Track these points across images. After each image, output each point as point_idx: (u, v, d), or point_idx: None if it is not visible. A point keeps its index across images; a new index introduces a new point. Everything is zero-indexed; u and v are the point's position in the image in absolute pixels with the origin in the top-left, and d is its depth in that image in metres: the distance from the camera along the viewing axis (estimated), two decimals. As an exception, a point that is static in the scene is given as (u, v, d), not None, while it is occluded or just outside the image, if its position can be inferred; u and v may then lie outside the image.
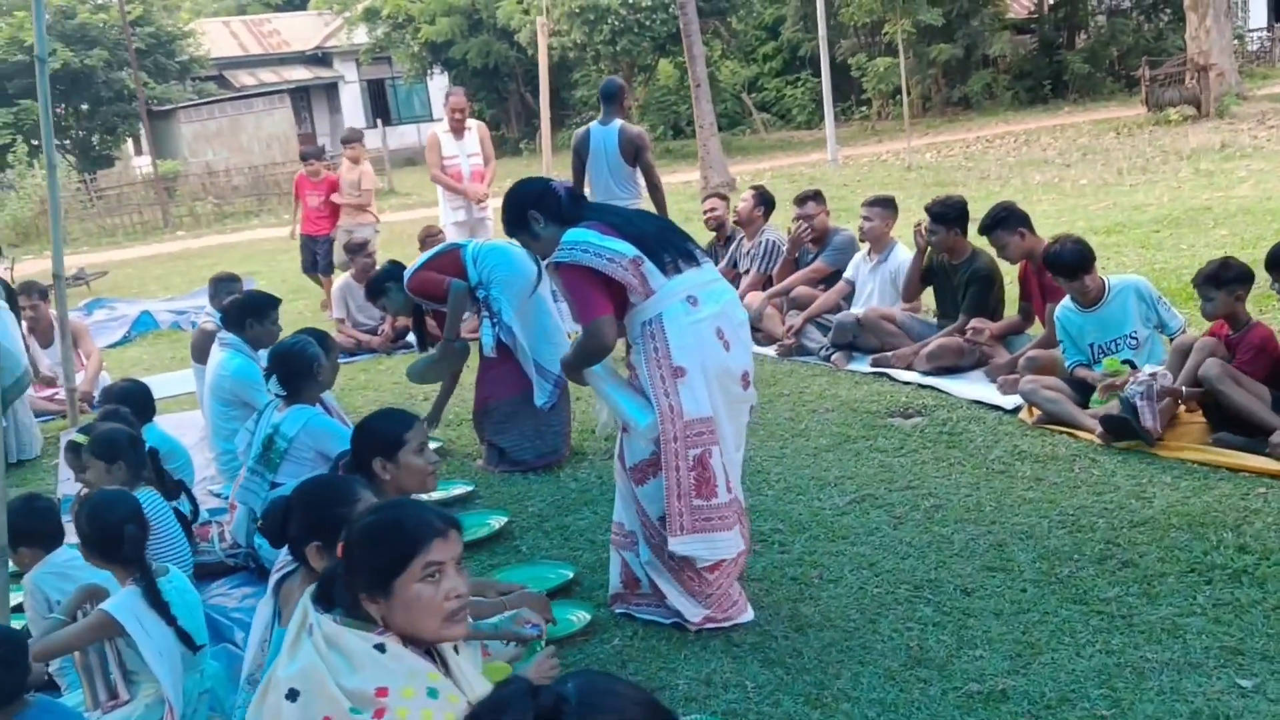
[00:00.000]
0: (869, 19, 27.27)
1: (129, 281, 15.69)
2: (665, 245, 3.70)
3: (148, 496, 4.12)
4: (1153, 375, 4.87)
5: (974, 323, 6.32)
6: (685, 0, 17.85)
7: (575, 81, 31.99)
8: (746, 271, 8.19)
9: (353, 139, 10.97)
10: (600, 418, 4.06)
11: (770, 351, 7.41)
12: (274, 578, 3.13)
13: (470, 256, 5.64)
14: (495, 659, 3.21)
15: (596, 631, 3.79)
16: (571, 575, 4.20)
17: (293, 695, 2.23)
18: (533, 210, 3.79)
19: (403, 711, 2.15)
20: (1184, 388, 4.91)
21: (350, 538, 2.36)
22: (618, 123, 7.50)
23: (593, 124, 7.67)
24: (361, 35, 33.65)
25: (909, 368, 6.50)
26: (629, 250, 3.61)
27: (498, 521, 4.82)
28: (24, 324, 8.15)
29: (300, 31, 38.05)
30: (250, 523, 4.41)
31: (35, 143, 28.76)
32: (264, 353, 5.27)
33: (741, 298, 7.81)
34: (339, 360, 6.70)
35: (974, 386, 6.12)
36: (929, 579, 3.93)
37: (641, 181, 7.58)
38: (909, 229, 6.90)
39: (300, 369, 4.43)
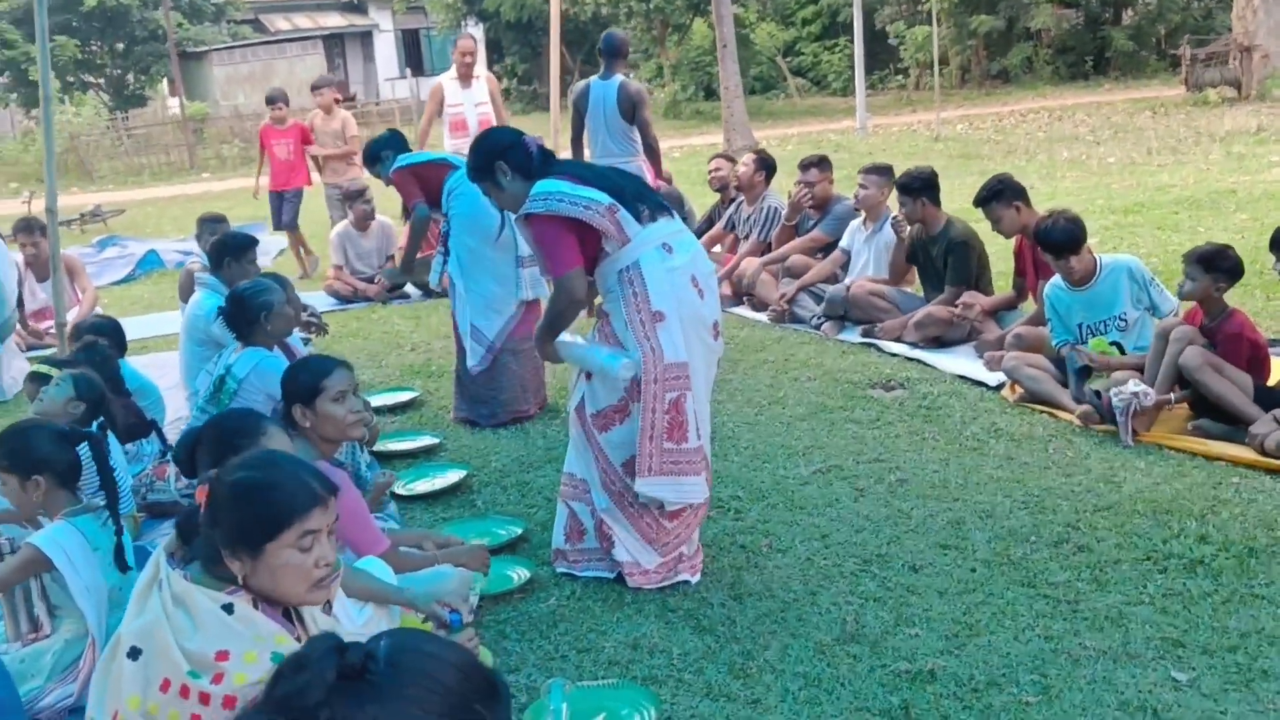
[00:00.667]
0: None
1: (146, 220, 15.73)
2: (637, 196, 3.68)
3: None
4: (1135, 395, 4.68)
5: (965, 297, 6.20)
6: (717, -41, 17.59)
7: (611, 39, 31.69)
8: (746, 236, 8.06)
9: (323, 84, 10.36)
10: (574, 395, 3.86)
11: (763, 317, 7.32)
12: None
13: (451, 185, 5.50)
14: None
15: (534, 590, 3.73)
16: (520, 532, 4.15)
17: (134, 654, 2.15)
18: (500, 161, 3.72)
19: (240, 677, 2.07)
20: (1172, 395, 4.78)
21: (221, 490, 2.23)
22: (618, 78, 7.37)
23: (593, 79, 7.54)
24: (398, -16, 33.48)
25: (898, 339, 6.38)
26: (604, 198, 3.57)
27: (455, 475, 4.76)
28: (22, 259, 8.19)
29: (338, -22, 37.91)
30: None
31: (70, 79, 28.89)
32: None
33: (739, 263, 7.76)
34: (307, 308, 6.68)
35: (961, 361, 6.01)
36: (879, 554, 3.85)
37: (639, 139, 7.45)
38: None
39: (249, 315, 4.39)
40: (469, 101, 9.09)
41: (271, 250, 11.27)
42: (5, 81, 29.05)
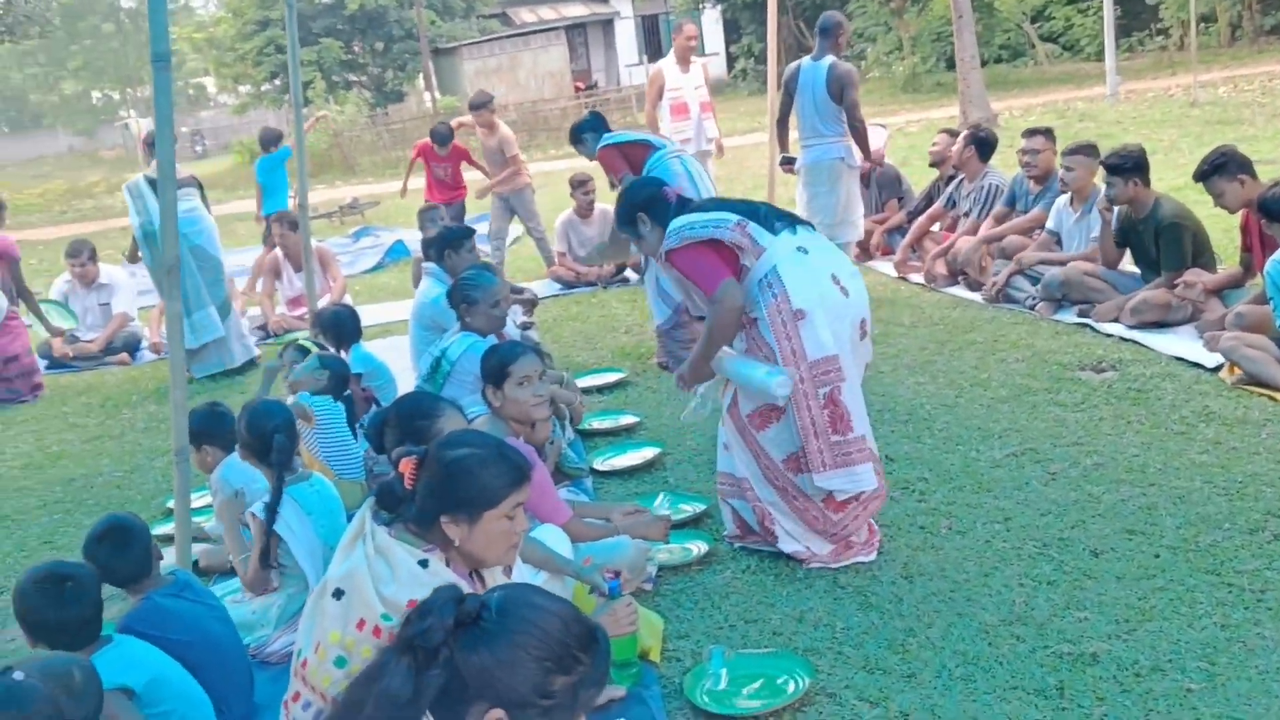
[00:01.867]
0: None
1: (398, 212, 16.70)
2: (769, 213, 3.87)
3: (324, 404, 4.56)
4: None
5: (1187, 275, 5.92)
6: (951, -73, 17.08)
7: (850, 14, 31.23)
8: (965, 214, 7.93)
9: (482, 103, 9.92)
10: (690, 404, 4.14)
11: (977, 297, 7.20)
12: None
13: (651, 164, 6.14)
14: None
15: (712, 562, 3.90)
16: (704, 508, 4.32)
17: (338, 594, 2.46)
18: (641, 213, 3.99)
19: None
20: None
21: (446, 463, 2.48)
22: (829, 59, 7.38)
23: (804, 59, 7.58)
24: (637, -30, 34.09)
25: (1115, 320, 6.17)
26: (732, 216, 3.78)
27: (650, 452, 4.99)
28: (278, 250, 8.98)
29: (580, -32, 38.94)
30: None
31: (335, 79, 30.98)
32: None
33: (955, 241, 7.66)
34: (535, 294, 7.24)
35: (1180, 342, 5.76)
36: (1060, 538, 3.81)
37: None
38: (1173, 169, 6.37)
39: (462, 299, 4.74)
40: (689, 85, 9.24)
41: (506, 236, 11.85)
42: (279, 84, 31.45)
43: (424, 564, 2.46)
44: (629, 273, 9.06)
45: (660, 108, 9.30)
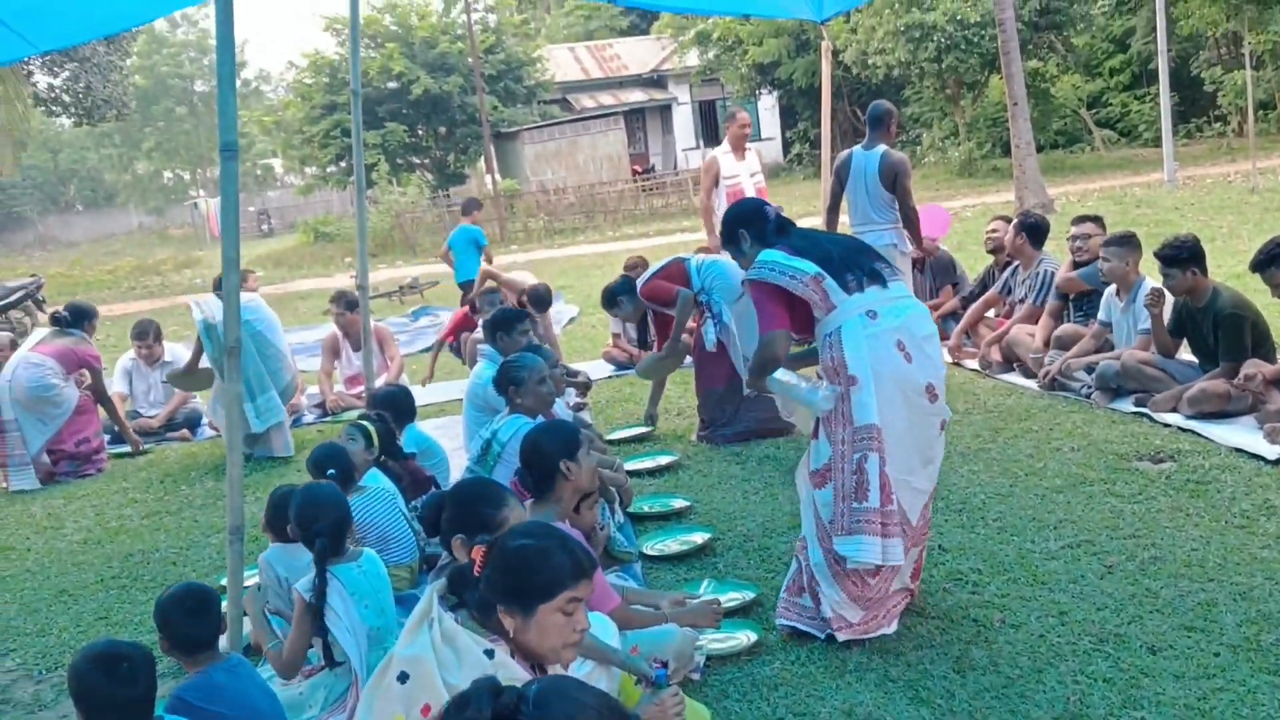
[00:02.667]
0: (1213, 30, 25.20)
1: (457, 291, 16.96)
2: (850, 266, 3.89)
3: (364, 499, 4.58)
4: None
5: (1246, 367, 5.83)
6: (1005, 18, 17.24)
7: (906, 100, 31.51)
8: (1021, 300, 7.90)
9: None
10: (797, 424, 4.47)
11: (1032, 384, 7.14)
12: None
13: (694, 268, 6.75)
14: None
15: (761, 653, 3.86)
16: (753, 596, 4.29)
17: (403, 677, 2.48)
18: (743, 229, 4.15)
19: None
20: None
21: (505, 553, 2.50)
22: (881, 148, 7.44)
23: (856, 148, 7.65)
24: (694, 58, 34.68)
25: (1173, 410, 6.08)
26: (811, 269, 3.85)
27: (700, 537, 4.97)
28: (336, 328, 9.14)
29: (639, 55, 39.70)
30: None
31: (399, 161, 31.67)
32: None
33: (1010, 328, 7.62)
34: (589, 377, 7.41)
35: (1240, 433, 5.66)
36: (1117, 633, 3.73)
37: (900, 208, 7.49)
38: (1233, 256, 6.29)
39: (510, 382, 4.79)
40: (745, 172, 9.21)
41: (562, 318, 12.00)
42: (343, 166, 32.21)
43: (489, 654, 2.47)
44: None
45: (716, 195, 9.29)
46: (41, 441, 7.67)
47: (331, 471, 4.33)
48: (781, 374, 3.96)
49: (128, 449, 8.31)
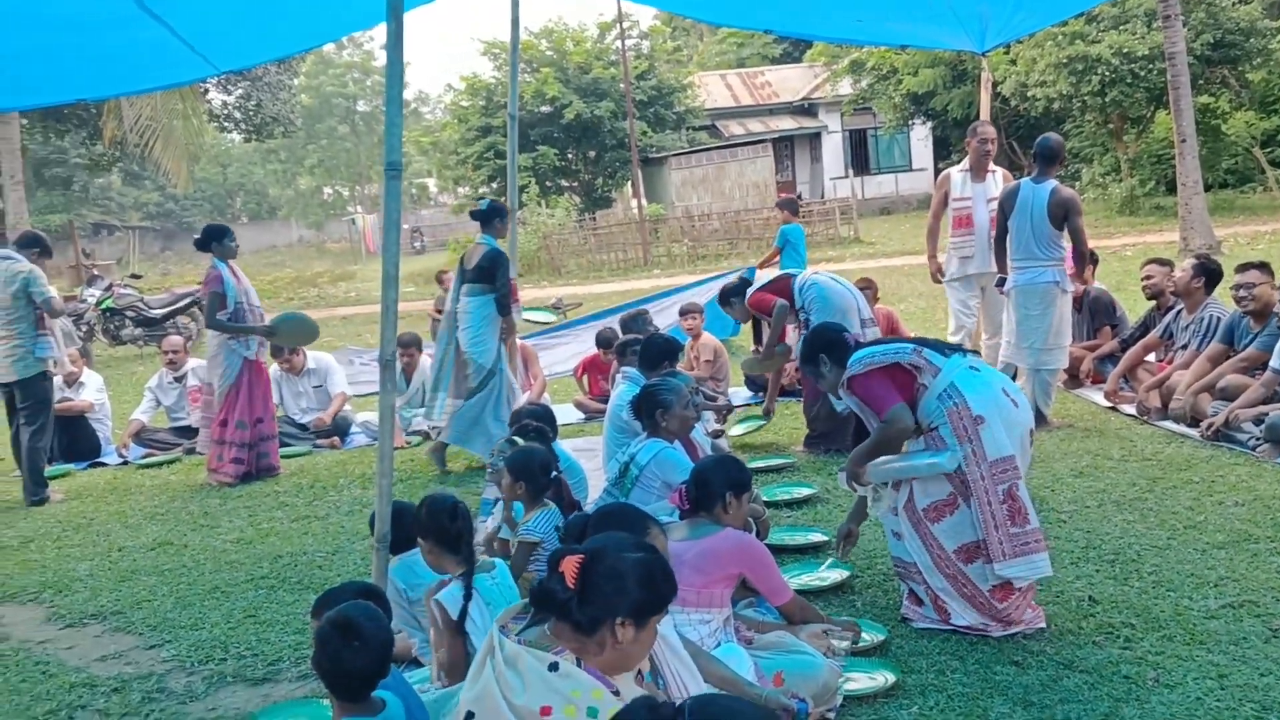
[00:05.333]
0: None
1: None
2: (937, 345, 4.41)
3: (542, 518, 4.61)
4: None
5: None
6: (1175, 51, 16.64)
7: (1067, 133, 30.66)
8: (1183, 346, 7.58)
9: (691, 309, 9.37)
10: (880, 510, 4.52)
11: (1193, 433, 6.83)
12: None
13: (798, 287, 7.18)
14: None
15: (898, 695, 3.76)
16: (883, 638, 4.19)
17: (469, 717, 2.50)
18: (823, 354, 4.51)
19: None
20: None
21: (633, 565, 2.54)
22: (1051, 183, 7.25)
23: (1024, 180, 7.47)
24: (846, 86, 34.43)
25: (1349, 466, 5.75)
26: (908, 346, 4.35)
27: (838, 575, 4.89)
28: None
29: (790, 83, 39.63)
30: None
31: (548, 184, 32.24)
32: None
33: (1171, 373, 7.32)
34: (732, 403, 7.54)
35: None
36: (1282, 702, 3.53)
37: (1066, 245, 7.27)
38: None
39: (652, 408, 4.80)
40: (980, 196, 8.13)
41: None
42: (495, 188, 32.94)
43: (554, 667, 2.49)
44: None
45: (944, 218, 8.40)
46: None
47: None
48: (880, 461, 4.32)
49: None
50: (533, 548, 4.48)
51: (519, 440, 5.08)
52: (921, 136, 36.20)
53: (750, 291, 7.44)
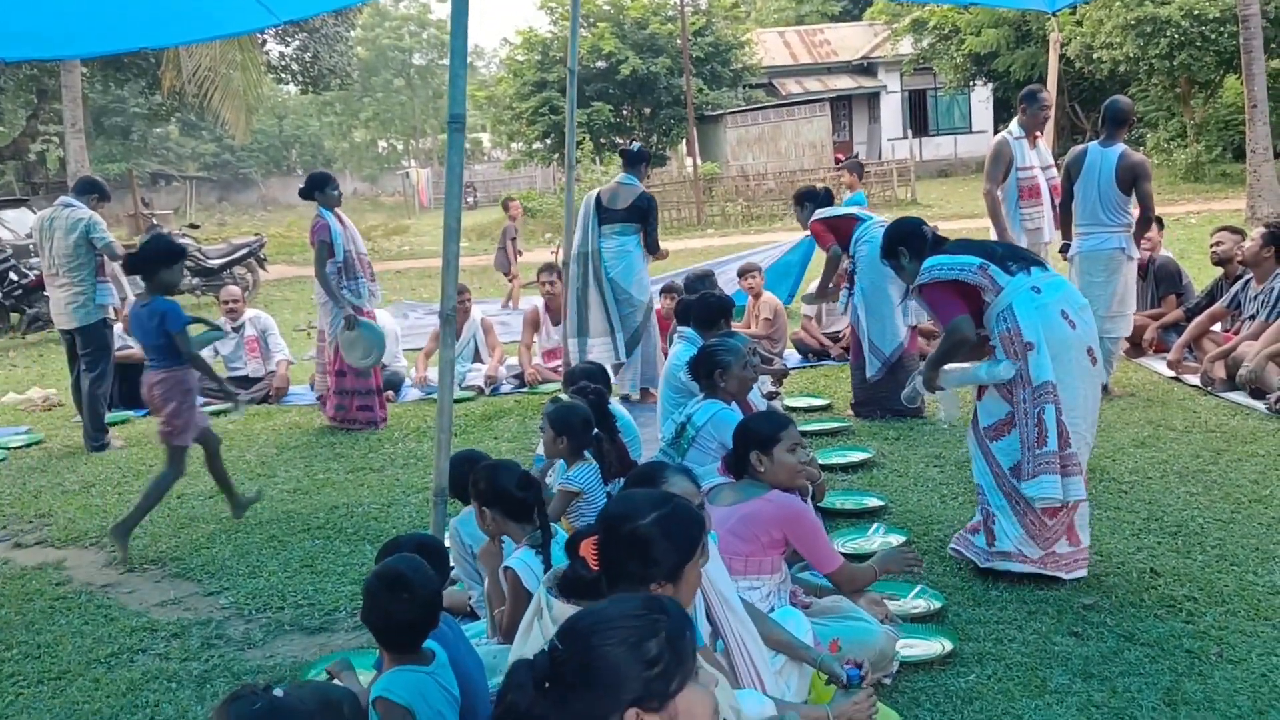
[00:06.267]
0: None
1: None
2: (1009, 256, 4.46)
3: (583, 470, 4.61)
4: None
5: None
6: (1250, 13, 16.15)
7: (1132, 97, 29.93)
8: (1251, 316, 7.40)
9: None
10: (940, 414, 5.06)
11: (1260, 405, 6.69)
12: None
13: (856, 235, 7.24)
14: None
15: (954, 663, 3.73)
16: (940, 605, 4.15)
17: None
18: (902, 246, 4.64)
19: None
20: None
21: (643, 529, 2.47)
22: (1120, 147, 7.07)
23: (1091, 143, 7.29)
24: (906, 46, 33.87)
25: None
26: (975, 260, 4.41)
27: (895, 539, 4.85)
28: (542, 302, 9.36)
29: (849, 41, 39.04)
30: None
31: (602, 140, 32.09)
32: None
33: (1238, 344, 7.16)
34: (785, 365, 7.51)
35: None
36: (1351, 682, 3.45)
37: (1133, 211, 7.11)
38: None
39: (707, 369, 4.76)
40: (1039, 164, 7.77)
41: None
42: (549, 143, 32.84)
43: None
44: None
45: (1006, 189, 7.72)
46: None
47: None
48: (950, 367, 4.54)
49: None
50: (572, 497, 4.50)
51: (563, 398, 5.07)
52: (982, 98, 35.57)
53: (817, 217, 7.49)
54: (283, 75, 30.43)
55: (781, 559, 3.73)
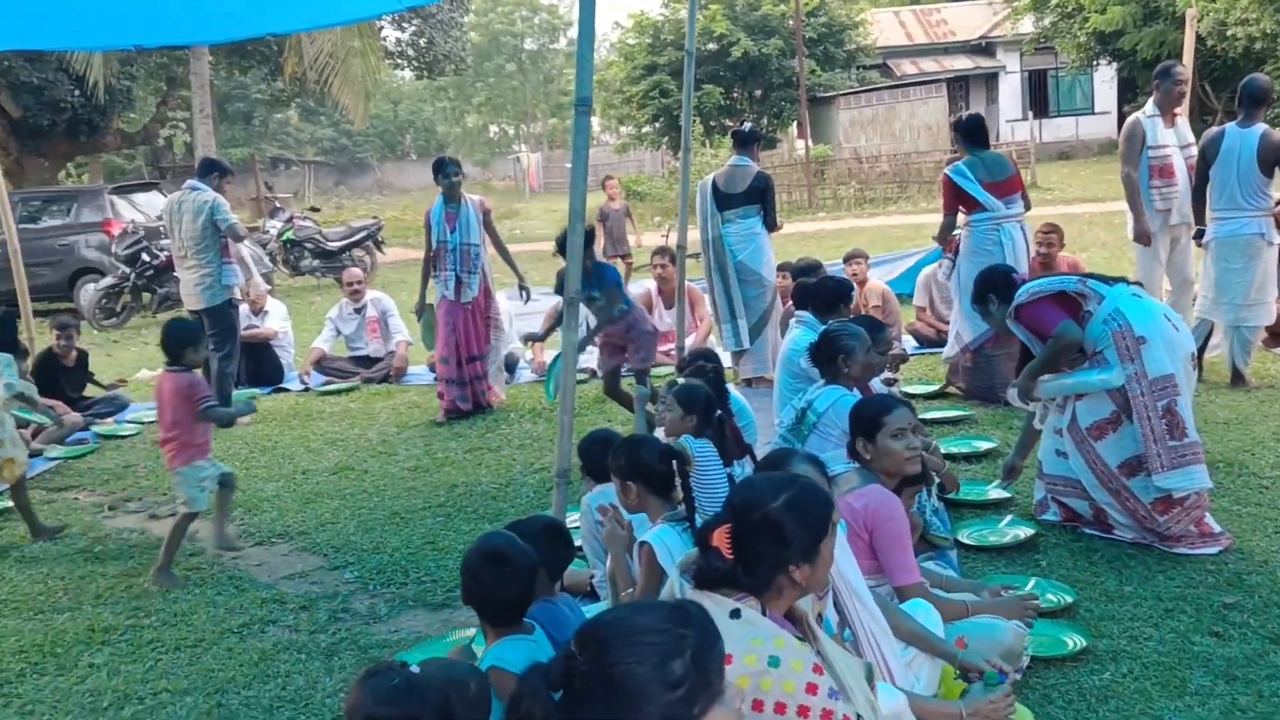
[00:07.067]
0: None
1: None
2: (1100, 277, 4.69)
3: (701, 445, 4.58)
4: None
5: None
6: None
7: (1271, 74, 28.71)
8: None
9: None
10: (1037, 420, 5.00)
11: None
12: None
13: (975, 218, 7.09)
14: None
15: (1088, 660, 3.62)
16: (1071, 600, 4.03)
17: None
18: (992, 294, 4.89)
19: (742, 680, 2.22)
20: None
21: (776, 512, 2.41)
22: (1260, 127, 6.78)
23: (1229, 125, 6.99)
24: (1027, 25, 32.99)
25: None
26: (1072, 277, 4.76)
27: (1023, 532, 4.73)
28: (654, 286, 9.35)
29: (967, 20, 38.16)
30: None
31: (712, 124, 31.95)
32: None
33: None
34: (906, 351, 7.39)
35: None
36: None
37: (1274, 194, 6.81)
38: None
39: (830, 354, 4.68)
40: (1174, 142, 7.40)
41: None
42: (659, 126, 32.80)
43: (735, 614, 2.40)
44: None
45: (1140, 169, 7.36)
46: None
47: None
48: (1052, 377, 4.68)
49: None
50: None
51: (678, 380, 5.02)
52: (1106, 78, 34.43)
53: (955, 175, 7.15)
54: (399, 61, 30.93)
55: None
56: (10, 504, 6.58)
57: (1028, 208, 7.23)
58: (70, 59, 20.26)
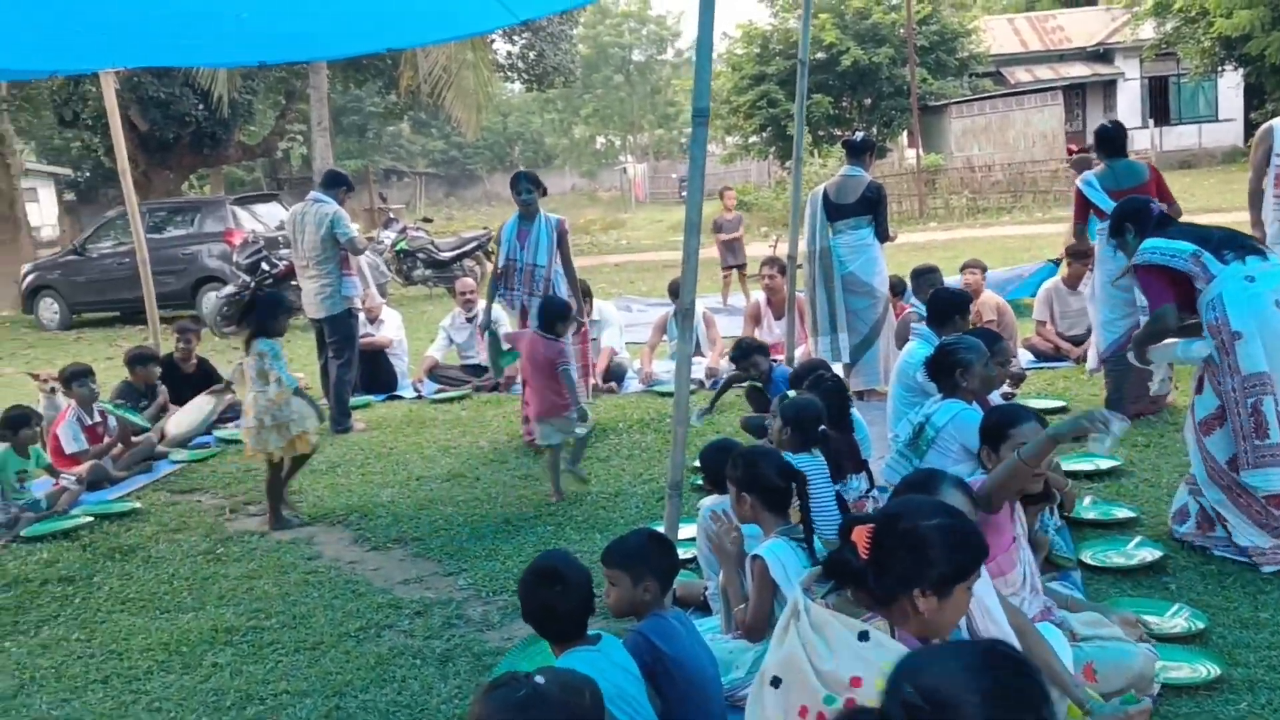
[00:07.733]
0: None
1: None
2: (1226, 244, 4.50)
3: (807, 461, 4.53)
4: None
5: None
6: None
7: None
8: None
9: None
10: (1154, 386, 5.03)
11: None
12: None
13: (1097, 228, 6.79)
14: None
15: (1223, 690, 3.47)
16: (1204, 626, 3.87)
17: (775, 682, 2.43)
18: (1128, 223, 4.88)
19: (872, 703, 2.21)
20: None
21: (926, 532, 2.39)
22: None
23: None
24: (1147, 30, 32.10)
25: None
26: (1188, 248, 4.51)
27: (1150, 554, 4.56)
28: (764, 296, 9.31)
29: (1084, 27, 37.26)
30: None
31: (821, 133, 31.72)
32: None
33: None
34: (1022, 368, 7.17)
35: None
36: None
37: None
38: None
39: (947, 368, 4.58)
40: None
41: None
42: (766, 136, 32.67)
43: (863, 636, 2.37)
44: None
45: (1266, 177, 7.10)
46: None
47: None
48: (1155, 347, 4.67)
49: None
50: None
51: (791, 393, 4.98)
52: (1232, 84, 33.26)
53: (1087, 184, 6.91)
54: (509, 74, 31.34)
55: (1016, 560, 3.54)
56: (137, 504, 6.82)
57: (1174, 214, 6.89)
58: (195, 74, 20.99)
